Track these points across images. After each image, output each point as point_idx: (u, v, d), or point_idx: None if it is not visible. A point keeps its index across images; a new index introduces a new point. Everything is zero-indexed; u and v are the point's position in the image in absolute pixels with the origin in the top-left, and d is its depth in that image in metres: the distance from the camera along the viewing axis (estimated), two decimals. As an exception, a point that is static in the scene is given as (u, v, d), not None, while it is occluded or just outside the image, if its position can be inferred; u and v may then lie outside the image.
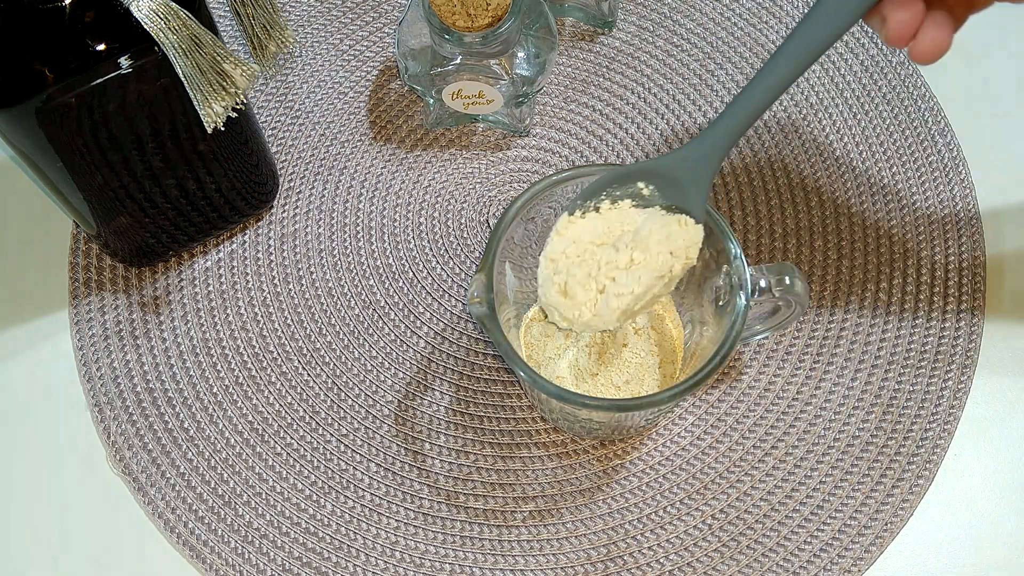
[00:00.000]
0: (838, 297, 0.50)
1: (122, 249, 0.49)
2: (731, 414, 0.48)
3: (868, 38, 0.56)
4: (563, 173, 0.42)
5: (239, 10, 0.43)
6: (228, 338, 0.49)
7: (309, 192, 0.53)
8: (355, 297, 0.50)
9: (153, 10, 0.37)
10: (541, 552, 0.45)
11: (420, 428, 0.48)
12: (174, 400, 0.48)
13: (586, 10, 0.56)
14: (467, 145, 0.54)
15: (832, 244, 0.51)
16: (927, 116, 0.54)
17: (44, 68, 0.37)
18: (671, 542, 0.45)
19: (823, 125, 0.54)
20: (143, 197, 0.45)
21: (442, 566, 0.45)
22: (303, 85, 0.55)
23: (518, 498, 0.46)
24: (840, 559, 0.45)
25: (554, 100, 0.55)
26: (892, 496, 0.46)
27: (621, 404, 0.40)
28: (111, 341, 0.49)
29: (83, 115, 0.39)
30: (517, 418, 0.48)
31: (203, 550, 0.45)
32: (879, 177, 0.53)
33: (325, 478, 0.47)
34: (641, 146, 0.54)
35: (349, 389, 0.48)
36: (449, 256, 0.51)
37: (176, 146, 0.44)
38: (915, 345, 0.49)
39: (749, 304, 0.40)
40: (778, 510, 0.46)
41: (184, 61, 0.38)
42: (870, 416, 0.47)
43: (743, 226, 0.52)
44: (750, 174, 0.53)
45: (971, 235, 0.51)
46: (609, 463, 0.47)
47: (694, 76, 0.55)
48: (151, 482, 0.47)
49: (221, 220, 0.50)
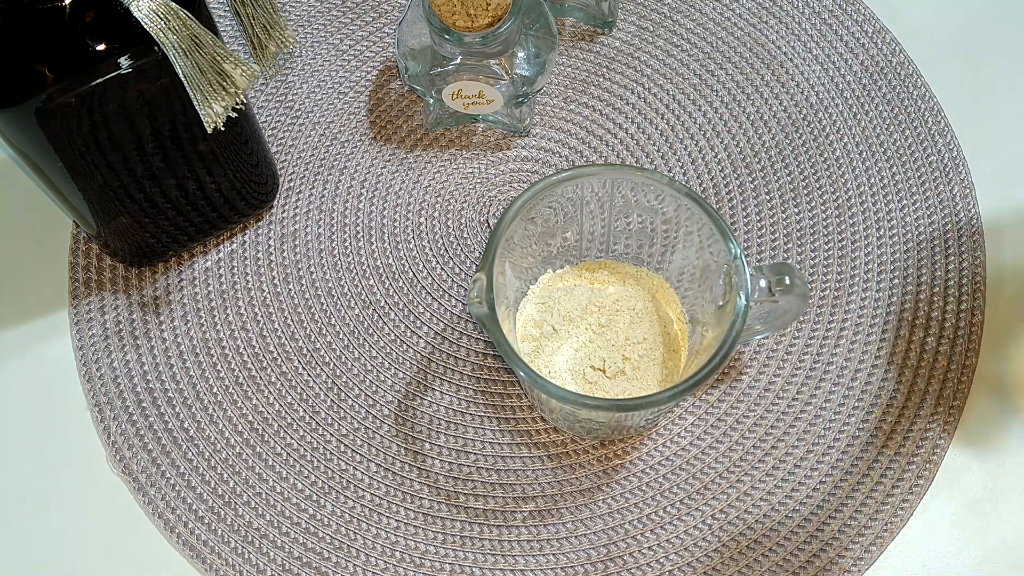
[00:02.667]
0: (838, 297, 0.50)
1: (122, 249, 0.49)
2: (731, 414, 0.48)
3: (868, 38, 0.56)
4: (563, 173, 0.42)
5: (239, 10, 0.43)
6: (228, 338, 0.49)
7: (309, 192, 0.53)
8: (355, 297, 0.50)
9: (153, 10, 0.37)
10: (541, 552, 0.45)
11: (420, 428, 0.48)
12: (174, 400, 0.48)
13: (586, 10, 0.56)
14: (467, 145, 0.54)
15: (832, 244, 0.51)
16: (927, 116, 0.54)
17: (44, 68, 0.37)
18: (671, 542, 0.45)
19: (823, 125, 0.54)
20: (143, 197, 0.45)
21: (442, 566, 0.45)
22: (303, 85, 0.55)
23: (518, 498, 0.46)
24: (840, 559, 0.45)
25: (554, 100, 0.55)
26: (892, 496, 0.46)
27: (621, 404, 0.40)
28: (111, 341, 0.49)
29: (83, 115, 0.39)
30: (517, 418, 0.48)
31: (203, 550, 0.45)
32: (879, 177, 0.53)
33: (325, 478, 0.47)
34: (641, 146, 0.54)
35: (349, 389, 0.48)
36: (449, 256, 0.51)
37: (176, 146, 0.44)
38: (915, 345, 0.49)
39: (749, 304, 0.40)
40: (778, 510, 0.46)
41: (184, 61, 0.38)
42: (870, 416, 0.47)
43: (743, 226, 0.52)
44: (751, 173, 0.53)
45: (971, 235, 0.51)
46: (609, 463, 0.47)
47: (694, 76, 0.55)
48: (151, 482, 0.47)
49: (221, 220, 0.50)
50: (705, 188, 0.52)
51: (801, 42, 0.56)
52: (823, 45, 0.56)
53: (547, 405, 0.45)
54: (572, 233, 0.47)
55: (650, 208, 0.45)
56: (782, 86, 0.55)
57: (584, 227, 0.46)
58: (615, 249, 0.48)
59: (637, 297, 0.46)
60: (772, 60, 0.56)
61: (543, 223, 0.45)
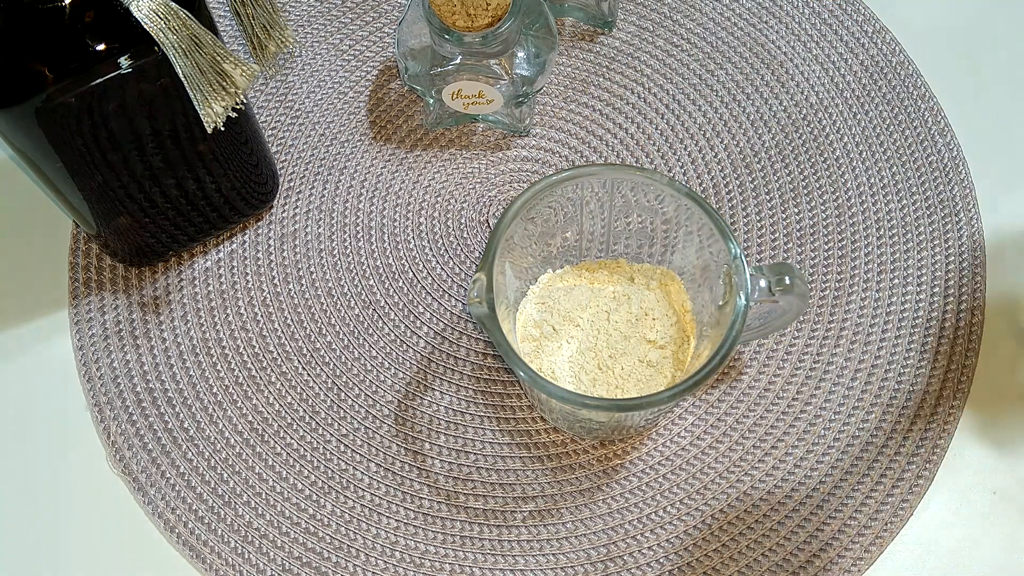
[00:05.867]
0: (838, 297, 0.50)
1: (122, 249, 0.49)
2: (731, 414, 0.48)
3: (868, 38, 0.56)
4: (563, 173, 0.42)
5: (239, 10, 0.43)
6: (228, 338, 0.49)
7: (309, 192, 0.53)
8: (355, 297, 0.50)
9: (153, 10, 0.37)
10: (541, 552, 0.45)
11: (420, 428, 0.48)
12: (174, 400, 0.48)
13: (586, 10, 0.56)
14: (467, 145, 0.54)
15: (832, 244, 0.51)
16: (927, 116, 0.54)
17: (44, 68, 0.37)
18: (671, 542, 0.45)
19: (823, 125, 0.54)
20: (143, 197, 0.45)
21: (442, 566, 0.45)
22: (303, 85, 0.55)
23: (518, 498, 0.46)
24: (840, 559, 0.45)
25: (554, 100, 0.55)
26: (892, 496, 0.46)
27: (621, 404, 0.40)
28: (111, 341, 0.49)
29: (83, 115, 0.39)
30: (517, 418, 0.48)
31: (203, 550, 0.45)
32: (879, 177, 0.53)
33: (325, 478, 0.47)
34: (641, 146, 0.54)
35: (349, 389, 0.48)
36: (449, 256, 0.51)
37: (176, 146, 0.44)
38: (915, 345, 0.49)
39: (749, 304, 0.40)
40: (778, 510, 0.46)
41: (184, 61, 0.38)
42: (870, 416, 0.47)
43: (743, 226, 0.52)
44: (751, 173, 0.53)
45: (971, 235, 0.51)
46: (609, 463, 0.47)
47: (694, 76, 0.55)
48: (151, 482, 0.47)
49: (221, 220, 0.50)
50: (705, 188, 0.52)
51: (801, 42, 0.56)
52: (823, 45, 0.56)
53: (547, 405, 0.45)
54: (572, 233, 0.47)
55: (650, 208, 0.45)
56: (782, 86, 0.55)
57: (584, 227, 0.46)
58: (615, 249, 0.48)
59: (637, 296, 0.46)
60: (772, 60, 0.56)
61: (543, 223, 0.45)
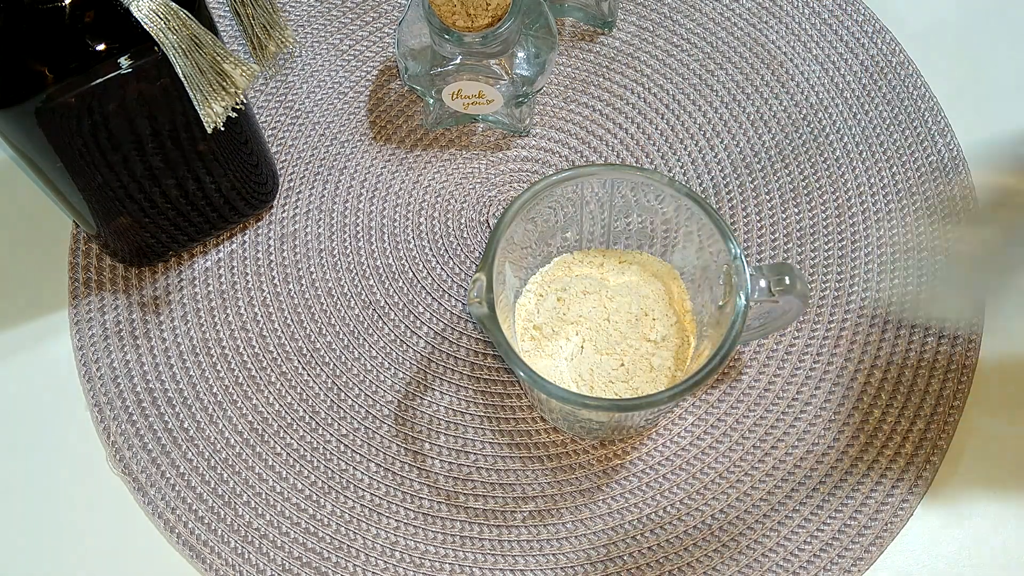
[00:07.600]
0: (838, 297, 0.50)
1: (122, 249, 0.49)
2: (731, 414, 0.48)
3: (868, 38, 0.56)
4: (563, 173, 0.42)
5: (239, 10, 0.43)
6: (228, 338, 0.49)
7: (309, 192, 0.53)
8: (355, 297, 0.50)
9: (153, 10, 0.37)
10: (541, 552, 0.45)
11: (420, 428, 0.48)
12: (174, 400, 0.48)
13: (586, 10, 0.56)
14: (467, 145, 0.54)
15: (832, 244, 0.51)
16: (927, 116, 0.54)
17: (44, 68, 0.37)
18: (671, 542, 0.45)
19: (823, 125, 0.54)
20: (143, 197, 0.45)
21: (442, 566, 0.45)
22: (303, 85, 0.55)
23: (518, 498, 0.46)
24: (840, 559, 0.45)
25: (554, 100, 0.55)
26: (892, 496, 0.46)
27: (621, 404, 0.40)
28: (111, 341, 0.49)
29: (83, 115, 0.39)
30: (517, 418, 0.48)
31: (203, 550, 0.45)
32: (879, 177, 0.53)
33: (325, 478, 0.47)
34: (641, 146, 0.54)
35: (349, 389, 0.48)
36: (449, 256, 0.51)
37: (176, 146, 0.44)
38: (915, 345, 0.49)
39: (749, 304, 0.40)
40: (778, 510, 0.46)
41: (184, 61, 0.38)
42: (870, 416, 0.47)
43: (743, 226, 0.52)
44: (751, 173, 0.53)
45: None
46: (609, 463, 0.47)
47: (694, 76, 0.55)
48: (151, 482, 0.47)
49: (221, 220, 0.50)
50: (705, 188, 0.52)
51: (801, 42, 0.56)
52: (823, 45, 0.56)
53: (547, 405, 0.45)
54: (572, 233, 0.47)
55: (650, 208, 0.45)
56: (782, 86, 0.55)
57: (584, 227, 0.46)
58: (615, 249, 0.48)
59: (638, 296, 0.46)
60: (772, 60, 0.56)
61: (543, 223, 0.45)
